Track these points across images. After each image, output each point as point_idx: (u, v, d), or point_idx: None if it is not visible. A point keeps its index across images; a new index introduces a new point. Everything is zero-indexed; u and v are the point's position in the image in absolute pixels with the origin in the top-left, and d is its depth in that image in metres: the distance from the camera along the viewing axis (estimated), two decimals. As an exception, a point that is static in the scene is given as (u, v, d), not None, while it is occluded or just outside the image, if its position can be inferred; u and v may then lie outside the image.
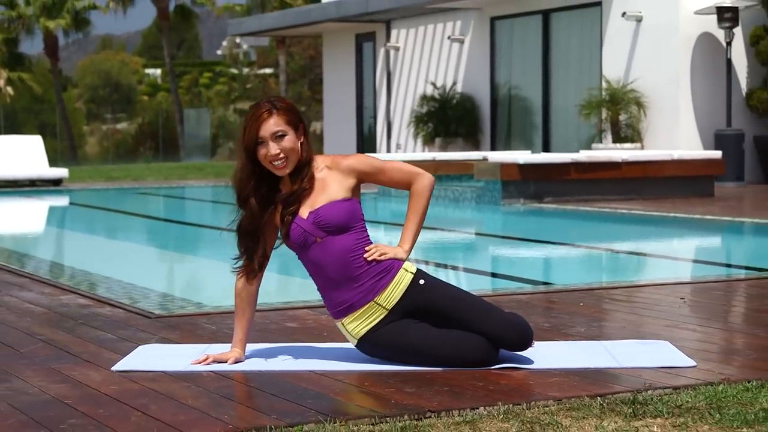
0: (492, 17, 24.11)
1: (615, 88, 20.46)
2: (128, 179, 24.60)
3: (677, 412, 4.24)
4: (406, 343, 5.06)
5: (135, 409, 4.34)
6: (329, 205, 5.08)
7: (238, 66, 66.95)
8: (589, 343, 5.55)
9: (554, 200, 15.65)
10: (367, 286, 5.08)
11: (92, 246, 12.77)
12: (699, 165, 16.62)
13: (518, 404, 4.40)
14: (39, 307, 6.92)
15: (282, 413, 4.25)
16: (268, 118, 5.07)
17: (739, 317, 6.41)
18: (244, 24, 30.88)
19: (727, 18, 19.34)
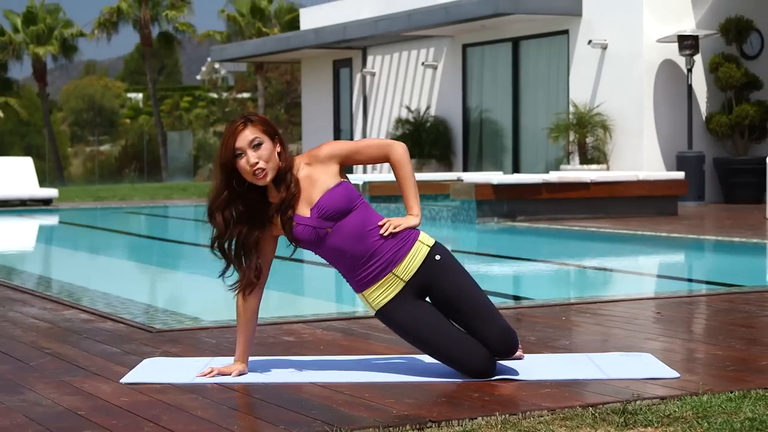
0: (464, 44, 24.16)
1: (582, 112, 20.53)
2: (115, 199, 24.53)
3: (666, 422, 4.24)
4: (417, 332, 5.05)
5: (147, 420, 4.32)
6: (326, 195, 5.05)
7: (218, 90, 66.88)
8: (575, 356, 5.56)
9: (526, 219, 15.67)
10: (386, 258, 5.06)
11: (87, 263, 12.71)
12: (663, 185, 16.68)
13: (514, 414, 4.39)
14: (43, 322, 6.88)
15: (289, 423, 4.24)
16: (244, 130, 5.03)
17: (712, 330, 6.42)
18: (227, 50, 30.84)
19: (687, 46, 19.44)
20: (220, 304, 8.95)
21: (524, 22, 22.09)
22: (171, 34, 49.61)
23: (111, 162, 52.37)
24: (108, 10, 48.33)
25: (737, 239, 12.52)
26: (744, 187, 19.65)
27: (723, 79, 19.71)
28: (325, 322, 6.79)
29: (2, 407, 4.58)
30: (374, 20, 24.36)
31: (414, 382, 4.97)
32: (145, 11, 47.99)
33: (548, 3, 21.10)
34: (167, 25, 49.21)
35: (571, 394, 4.73)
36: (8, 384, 5.03)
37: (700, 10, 20.26)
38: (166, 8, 48.82)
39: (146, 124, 61.58)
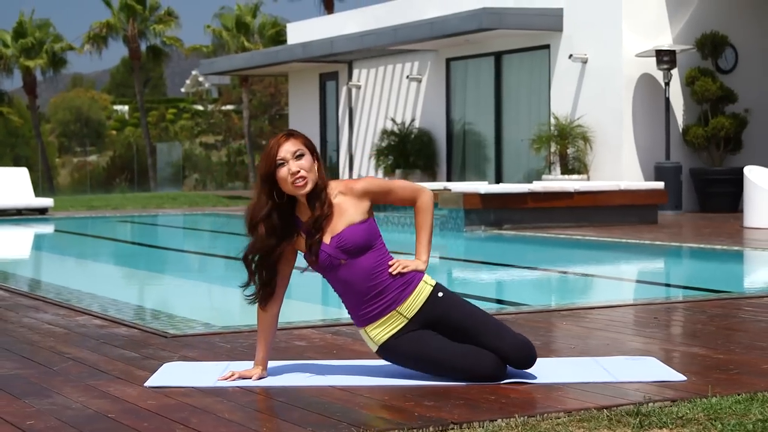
0: (447, 58, 24.19)
1: (563, 124, 20.57)
2: (108, 208, 24.45)
3: (680, 423, 4.26)
4: (424, 353, 5.06)
5: (177, 423, 4.31)
6: (349, 229, 5.07)
7: (203, 103, 66.80)
8: (582, 359, 5.57)
9: (513, 227, 15.70)
10: (391, 297, 5.08)
11: (90, 271, 12.68)
12: (644, 195, 16.74)
13: (532, 416, 4.40)
14: (58, 328, 6.85)
15: (316, 426, 4.24)
16: (286, 141, 5.05)
17: (710, 335, 6.44)
18: (216, 64, 30.80)
19: (665, 60, 19.51)
20: (228, 309, 8.98)
21: (507, 37, 22.13)
22: (159, 47, 49.57)
23: (99, 172, 52.27)
24: (98, 25, 48.26)
25: (719, 247, 12.58)
26: (719, 197, 19.73)
27: (699, 93, 19.79)
28: (334, 327, 6.79)
29: (33, 410, 4.57)
30: (361, 35, 24.38)
31: (430, 385, 4.98)
32: (133, 26, 47.94)
33: (530, 19, 21.15)
34: (155, 39, 49.17)
35: (584, 396, 4.74)
36: (35, 388, 5.02)
37: (677, 26, 20.34)
38: (154, 23, 48.77)
39: (132, 135, 61.48)
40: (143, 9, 48.44)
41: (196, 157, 56.01)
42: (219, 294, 10.28)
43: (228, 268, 12.55)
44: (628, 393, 4.78)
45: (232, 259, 13.50)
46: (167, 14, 49.23)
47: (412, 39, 22.70)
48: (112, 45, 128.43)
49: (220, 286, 10.77)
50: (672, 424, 4.24)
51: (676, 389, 4.84)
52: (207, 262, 13.64)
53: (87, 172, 53.85)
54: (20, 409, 4.58)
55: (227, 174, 54.00)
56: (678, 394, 4.74)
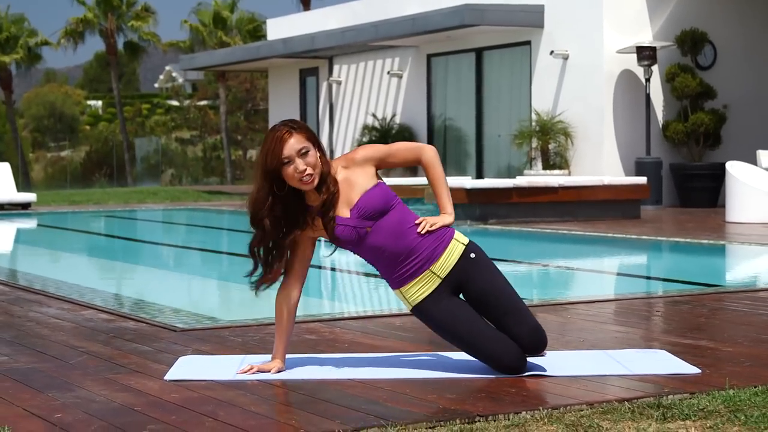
0: (428, 54, 24.20)
1: (544, 120, 20.62)
2: (90, 203, 24.35)
3: (702, 415, 4.28)
4: (455, 328, 5.06)
5: (205, 416, 4.31)
6: (365, 196, 5.06)
7: (180, 98, 66.59)
8: (594, 353, 5.59)
9: (498, 222, 15.73)
10: (424, 255, 5.07)
11: (83, 265, 12.62)
12: (627, 190, 16.81)
13: (555, 409, 4.42)
14: (66, 322, 6.83)
15: (344, 418, 4.24)
16: (289, 138, 5.02)
17: (715, 328, 6.47)
18: (196, 59, 30.70)
19: (645, 57, 19.58)
20: (231, 303, 8.97)
21: (488, 33, 22.15)
22: (136, 43, 49.41)
23: (75, 168, 52.06)
24: (74, 20, 48.07)
25: (706, 241, 12.63)
26: (699, 192, 19.82)
27: (679, 89, 19.86)
28: (341, 321, 6.79)
29: (58, 404, 4.55)
30: (342, 30, 24.35)
31: (448, 378, 4.98)
32: (111, 21, 47.77)
33: (512, 15, 21.18)
34: (132, 34, 49.02)
35: (604, 389, 4.76)
36: (56, 381, 5.00)
37: (657, 23, 20.42)
38: (131, 18, 48.60)
39: (106, 130, 61.25)
40: (120, 4, 48.27)
41: (172, 152, 55.87)
42: (218, 288, 10.26)
43: (225, 263, 12.55)
44: (646, 386, 4.80)
45: (227, 254, 13.49)
46: (144, 10, 49.08)
47: (394, 35, 22.71)
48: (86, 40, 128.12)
49: (218, 281, 10.76)
50: (694, 416, 4.26)
51: (692, 382, 4.86)
52: (199, 256, 13.61)
53: (62, 167, 53.64)
54: (45, 403, 4.57)
55: (203, 169, 53.90)
56: (695, 386, 4.76)
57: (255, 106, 55.59)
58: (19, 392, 4.78)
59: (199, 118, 58.32)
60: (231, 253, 13.33)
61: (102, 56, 77.42)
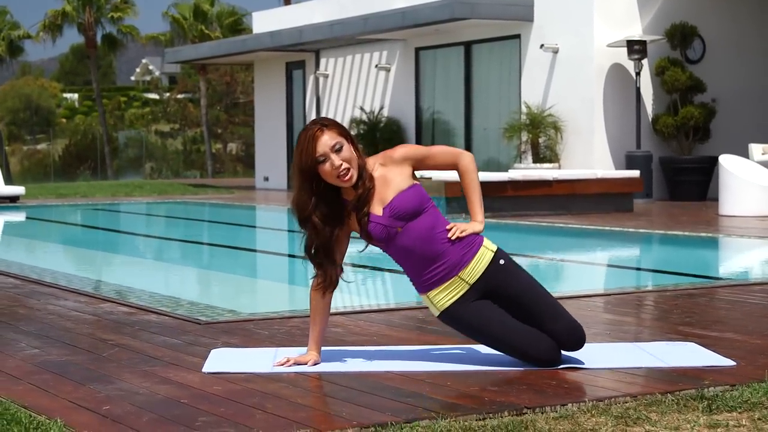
0: (417, 47, 24.20)
1: (534, 113, 20.65)
2: (77, 196, 24.26)
3: (747, 407, 4.29)
4: (485, 327, 5.07)
5: (253, 408, 4.30)
6: (399, 196, 5.06)
7: (159, 91, 66.40)
8: (626, 345, 5.61)
9: (493, 215, 15.74)
10: (452, 261, 5.08)
11: (87, 258, 12.58)
12: (620, 183, 16.87)
13: (600, 400, 4.43)
14: (88, 315, 6.81)
15: (394, 411, 4.24)
16: (322, 135, 5.02)
17: (738, 320, 6.50)
18: (182, 52, 30.63)
19: (636, 50, 19.64)
20: (245, 295, 8.97)
21: (477, 27, 22.17)
22: (114, 36, 49.24)
23: (54, 161, 51.88)
24: (53, 13, 47.87)
25: (704, 234, 12.69)
26: (688, 185, 19.91)
27: (669, 83, 19.94)
28: (364, 314, 6.81)
29: (103, 396, 4.54)
30: (330, 24, 24.34)
31: (486, 370, 4.99)
32: (89, 14, 47.58)
33: (501, 9, 21.20)
34: (111, 27, 48.86)
35: (643, 381, 4.78)
36: (94, 374, 4.99)
37: (647, 17, 20.48)
38: (110, 11, 48.42)
39: (83, 123, 61.06)
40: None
41: (152, 146, 55.75)
42: (229, 282, 10.25)
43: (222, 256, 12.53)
44: (685, 378, 4.81)
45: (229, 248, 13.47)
46: (123, 2, 48.90)
47: (383, 28, 22.70)
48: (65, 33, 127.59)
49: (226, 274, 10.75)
50: (740, 408, 4.28)
51: (731, 374, 4.87)
52: (201, 250, 13.59)
53: (38, 160, 53.45)
54: (90, 395, 4.55)
55: (183, 162, 53.80)
56: (734, 378, 4.77)
57: (235, 100, 55.49)
58: (60, 384, 4.77)
59: (179, 111, 58.19)
60: (233, 247, 13.32)
61: (78, 49, 77.19)
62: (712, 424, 4.08)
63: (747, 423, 4.08)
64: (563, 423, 4.12)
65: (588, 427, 4.06)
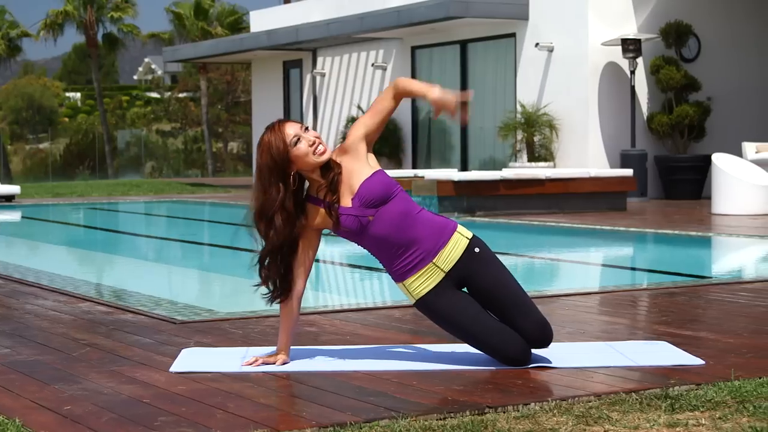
0: (413, 46, 24.20)
1: (529, 112, 20.64)
2: (73, 195, 24.27)
3: (710, 406, 4.28)
4: (458, 320, 5.04)
5: (215, 407, 4.29)
6: (365, 183, 5.03)
7: (160, 90, 66.40)
8: (597, 344, 5.60)
9: (485, 214, 15.75)
10: (427, 247, 5.03)
11: (74, 257, 12.59)
12: (614, 182, 16.85)
13: (564, 400, 4.42)
14: (65, 315, 6.81)
15: (355, 410, 4.23)
16: (285, 123, 5.04)
17: (713, 320, 6.49)
18: (180, 51, 30.64)
19: (630, 49, 19.63)
20: (226, 295, 8.95)
21: (472, 26, 22.17)
22: (115, 35, 49.27)
23: (55, 160, 51.89)
24: (54, 12, 47.91)
25: (694, 233, 12.67)
26: (683, 184, 19.89)
27: (664, 81, 19.93)
28: (340, 313, 6.79)
29: (66, 396, 4.54)
30: (326, 22, 24.34)
31: (453, 369, 4.98)
32: (90, 13, 47.61)
33: (497, 7, 21.19)
34: (111, 26, 48.89)
35: (610, 380, 4.76)
36: (61, 374, 4.99)
37: (642, 15, 20.47)
38: (111, 10, 48.45)
39: (85, 123, 61.05)
40: (101, -5, 48.16)
41: (153, 145, 55.74)
42: (212, 281, 10.25)
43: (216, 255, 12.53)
44: (652, 377, 4.80)
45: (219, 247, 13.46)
46: (124, 1, 48.93)
47: (379, 27, 22.70)
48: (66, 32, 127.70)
49: (211, 273, 10.75)
50: (702, 407, 4.27)
51: (698, 373, 4.86)
52: (190, 249, 13.59)
53: (40, 159, 53.43)
54: (53, 395, 4.55)
55: (184, 161, 53.79)
56: (701, 377, 4.76)
57: (236, 98, 55.48)
58: (26, 384, 4.77)
59: (180, 110, 58.19)
60: (222, 246, 13.30)
61: (81, 48, 77.21)
62: (671, 423, 4.07)
63: (707, 422, 4.07)
64: (524, 422, 4.11)
65: (548, 426, 4.05)
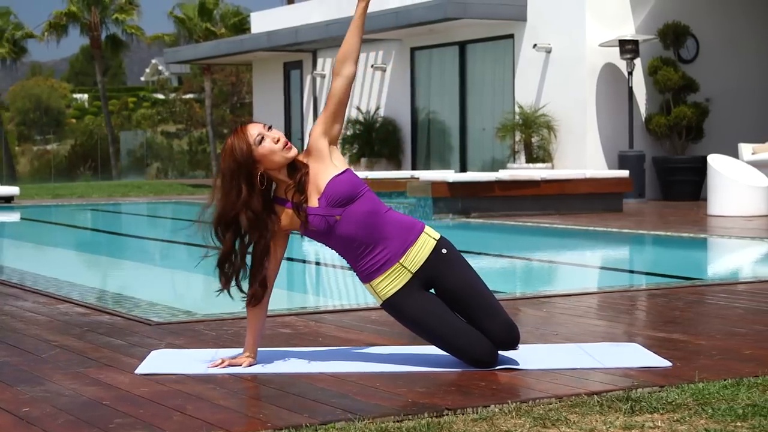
0: (412, 47, 24.20)
1: (527, 113, 20.63)
2: (74, 196, 24.29)
3: (670, 408, 4.27)
4: (426, 321, 5.02)
5: (173, 410, 4.29)
6: (332, 182, 5.01)
7: (165, 91, 66.48)
8: (567, 346, 5.59)
9: (480, 215, 15.73)
10: (394, 248, 5.02)
11: (64, 259, 12.59)
12: (609, 183, 16.82)
13: (524, 402, 4.41)
14: (41, 316, 6.81)
15: (312, 412, 4.23)
16: (247, 125, 5.04)
17: (689, 321, 6.47)
18: (181, 52, 30.68)
19: (628, 50, 19.61)
20: (206, 298, 8.93)
21: (471, 27, 22.16)
22: (119, 37, 49.29)
23: (60, 161, 51.98)
24: (58, 14, 47.95)
25: (686, 234, 12.65)
26: (681, 185, 19.86)
27: (662, 82, 19.90)
28: (317, 315, 6.80)
29: (27, 397, 4.54)
30: (326, 24, 24.34)
31: (419, 371, 4.97)
32: (94, 15, 47.64)
33: (494, 9, 21.18)
34: (115, 27, 48.91)
35: (574, 382, 4.75)
36: (26, 375, 4.99)
37: (640, 16, 20.45)
38: (115, 11, 48.48)
39: (92, 124, 61.13)
40: (104, -4, 48.17)
41: (158, 146, 55.78)
42: (194, 282, 10.23)
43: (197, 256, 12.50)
44: (616, 379, 4.80)
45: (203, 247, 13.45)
46: (128, 3, 48.95)
47: (377, 28, 22.68)
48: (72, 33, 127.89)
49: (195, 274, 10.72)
50: (662, 410, 4.26)
51: (663, 375, 4.86)
52: (180, 250, 13.58)
53: (47, 160, 53.53)
54: (14, 397, 4.55)
55: (189, 162, 53.82)
56: (665, 379, 4.76)
57: (240, 100, 55.49)
58: (-12, 386, 4.77)
59: (185, 111, 58.22)
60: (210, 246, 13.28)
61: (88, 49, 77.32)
62: (628, 425, 4.05)
63: (663, 424, 4.05)
64: (481, 425, 4.10)
65: (504, 428, 4.03)
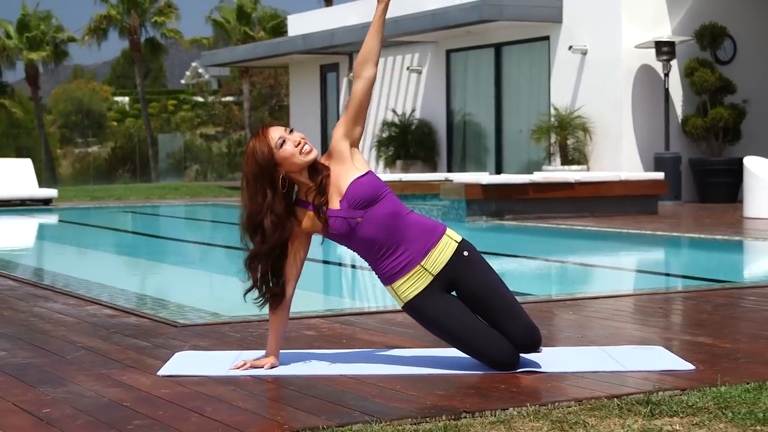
0: (447, 50, 24.17)
1: (563, 115, 20.56)
2: (111, 199, 24.43)
3: (690, 412, 4.25)
4: (447, 324, 5.02)
5: (192, 411, 4.31)
6: (353, 184, 5.01)
7: (204, 94, 66.74)
8: (590, 349, 5.56)
9: (514, 217, 15.70)
10: (415, 250, 5.02)
11: (96, 260, 12.67)
12: (644, 185, 16.74)
13: (543, 405, 4.40)
14: (70, 317, 6.85)
15: (330, 414, 4.24)
16: (269, 128, 5.03)
17: (716, 325, 6.43)
18: (217, 55, 30.79)
19: (664, 52, 19.51)
20: (235, 300, 8.95)
21: (507, 29, 22.12)
22: (157, 40, 49.54)
23: (101, 163, 52.26)
24: (98, 17, 48.24)
25: (720, 237, 12.57)
26: (718, 187, 19.72)
27: (698, 84, 19.78)
28: (342, 317, 6.79)
29: (49, 399, 4.57)
30: (362, 26, 24.34)
31: (440, 374, 4.97)
32: (134, 18, 47.90)
33: (530, 10, 21.13)
34: (155, 31, 49.17)
35: (594, 385, 4.73)
36: (50, 377, 5.02)
37: (676, 17, 20.34)
38: (154, 15, 48.73)
39: (133, 126, 61.43)
40: (144, 0, 48.38)
41: (197, 148, 55.97)
42: (225, 284, 10.27)
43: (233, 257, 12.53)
44: (637, 382, 4.78)
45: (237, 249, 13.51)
46: (167, 6, 49.20)
47: (413, 30, 22.68)
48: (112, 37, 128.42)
49: (226, 276, 10.76)
50: (682, 413, 4.24)
51: (685, 378, 4.83)
52: (213, 252, 13.63)
53: (88, 162, 53.83)
54: (36, 398, 4.58)
55: (227, 165, 53.97)
56: (687, 383, 4.73)
57: (279, 102, 55.65)
58: (12, 387, 4.80)
59: (224, 114, 58.43)
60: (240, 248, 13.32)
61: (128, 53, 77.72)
62: (646, 428, 4.03)
63: (681, 428, 4.03)
64: (498, 427, 4.09)
65: (522, 431, 4.03)
